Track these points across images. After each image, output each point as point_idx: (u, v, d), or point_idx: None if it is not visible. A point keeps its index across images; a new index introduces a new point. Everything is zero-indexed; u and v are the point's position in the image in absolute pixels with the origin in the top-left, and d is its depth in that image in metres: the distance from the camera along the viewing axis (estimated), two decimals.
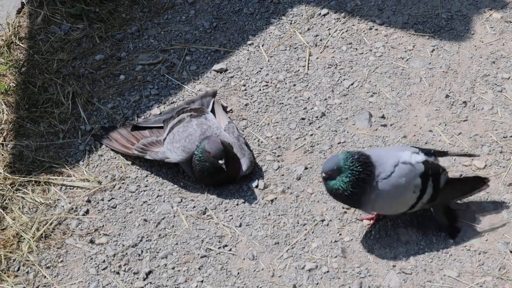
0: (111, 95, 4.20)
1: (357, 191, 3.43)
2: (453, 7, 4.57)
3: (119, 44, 4.43)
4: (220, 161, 3.67)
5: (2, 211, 3.69)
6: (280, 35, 4.48)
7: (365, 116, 4.08)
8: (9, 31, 4.41)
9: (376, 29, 4.50)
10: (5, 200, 3.73)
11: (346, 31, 4.49)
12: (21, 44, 4.38)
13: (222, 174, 3.74)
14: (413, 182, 3.45)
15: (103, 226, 3.69)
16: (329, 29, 4.50)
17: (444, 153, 3.65)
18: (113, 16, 4.54)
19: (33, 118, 4.07)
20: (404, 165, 3.46)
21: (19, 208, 3.72)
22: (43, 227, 3.66)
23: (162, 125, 3.95)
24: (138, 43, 4.43)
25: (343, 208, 3.73)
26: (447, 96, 4.16)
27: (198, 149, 3.72)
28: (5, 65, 4.25)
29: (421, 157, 3.50)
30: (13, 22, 4.46)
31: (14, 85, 4.18)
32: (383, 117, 4.09)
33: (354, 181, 3.42)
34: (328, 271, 3.52)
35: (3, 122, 4.02)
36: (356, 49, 4.41)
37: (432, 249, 3.59)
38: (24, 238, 3.62)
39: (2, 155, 3.90)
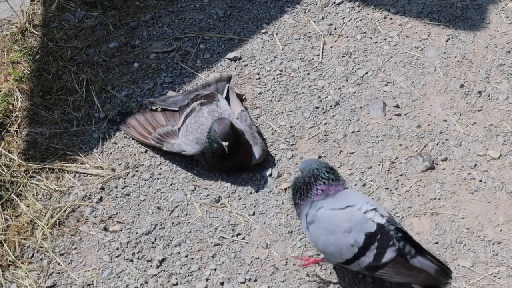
0: (125, 82, 4.19)
1: (294, 197, 3.33)
2: None
3: (133, 32, 4.42)
4: (224, 143, 3.64)
5: (16, 198, 3.70)
6: (294, 24, 4.46)
7: (379, 105, 4.07)
8: (24, 18, 4.41)
9: (391, 18, 4.48)
10: (19, 187, 3.74)
11: (361, 20, 4.48)
12: (35, 32, 4.38)
13: (233, 159, 3.74)
14: (355, 234, 3.15)
15: (116, 213, 3.69)
16: (343, 18, 4.49)
17: (418, 249, 3.19)
18: (127, 4, 4.53)
19: (47, 106, 4.07)
20: (357, 211, 3.17)
21: (33, 195, 3.73)
22: (57, 214, 3.66)
23: (177, 109, 3.96)
24: (152, 31, 4.43)
25: None
26: (462, 85, 4.15)
27: (210, 129, 3.71)
28: (20, 53, 4.25)
29: (379, 218, 3.16)
30: (28, 10, 4.46)
31: (29, 72, 4.18)
32: (397, 106, 4.07)
33: (295, 184, 3.32)
34: None
35: (17, 109, 4.02)
36: (371, 38, 4.39)
37: (446, 238, 3.59)
38: (38, 225, 3.63)
39: (17, 142, 3.90)
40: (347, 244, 3.15)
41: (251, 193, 3.76)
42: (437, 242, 3.57)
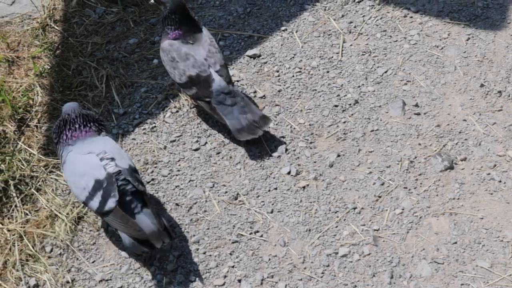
0: (145, 79, 4.20)
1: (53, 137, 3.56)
2: None
3: (153, 28, 4.43)
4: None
5: (36, 192, 3.71)
6: (314, 22, 4.46)
7: (398, 104, 4.06)
8: (44, 13, 4.43)
9: (411, 17, 4.47)
10: (38, 181, 3.76)
11: (381, 18, 4.46)
12: (56, 27, 4.40)
13: None
14: (87, 179, 3.34)
15: None
16: (363, 16, 4.48)
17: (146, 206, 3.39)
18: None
19: (67, 101, 4.06)
20: (95, 158, 3.36)
21: (53, 190, 3.74)
22: (76, 209, 3.68)
23: None
24: None
25: (375, 196, 3.72)
26: (482, 85, 4.13)
27: None
28: (40, 48, 4.27)
29: (112, 168, 3.34)
30: (48, 5, 4.47)
31: (49, 67, 4.20)
32: (416, 105, 4.06)
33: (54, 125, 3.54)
34: (359, 259, 3.52)
35: (37, 104, 4.04)
36: (391, 36, 4.38)
37: (464, 239, 3.58)
38: (58, 220, 3.64)
39: (36, 137, 3.92)
40: (81, 187, 3.35)
41: (269, 190, 3.76)
42: (455, 243, 3.56)
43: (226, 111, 3.80)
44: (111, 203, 3.31)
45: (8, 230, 3.58)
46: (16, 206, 3.65)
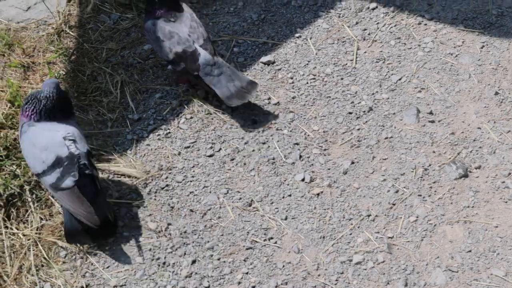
0: (159, 84, 4.22)
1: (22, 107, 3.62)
2: (503, 3, 4.52)
3: None
4: None
5: (51, 197, 3.73)
6: (328, 29, 4.47)
7: (413, 112, 4.06)
8: (60, 19, 4.44)
9: (425, 24, 4.47)
10: None
11: (395, 26, 4.47)
12: (71, 33, 4.41)
13: None
14: (48, 153, 3.46)
15: (150, 215, 3.71)
16: (377, 23, 4.48)
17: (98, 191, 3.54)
18: None
19: (82, 107, 4.10)
20: (59, 136, 3.49)
21: None
22: None
23: None
24: None
25: (389, 203, 3.72)
26: (496, 93, 4.13)
27: None
28: (55, 53, 4.29)
29: (74, 149, 3.48)
30: (64, 11, 4.49)
31: (64, 73, 4.21)
32: (431, 113, 4.06)
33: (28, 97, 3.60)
34: (373, 267, 3.52)
35: None
36: (405, 44, 4.38)
37: (479, 247, 3.57)
38: None
39: None
40: (40, 160, 3.47)
41: (283, 197, 3.77)
42: (470, 251, 3.55)
43: (214, 80, 3.98)
44: (69, 182, 3.43)
45: (24, 235, 3.59)
46: (31, 211, 3.67)
